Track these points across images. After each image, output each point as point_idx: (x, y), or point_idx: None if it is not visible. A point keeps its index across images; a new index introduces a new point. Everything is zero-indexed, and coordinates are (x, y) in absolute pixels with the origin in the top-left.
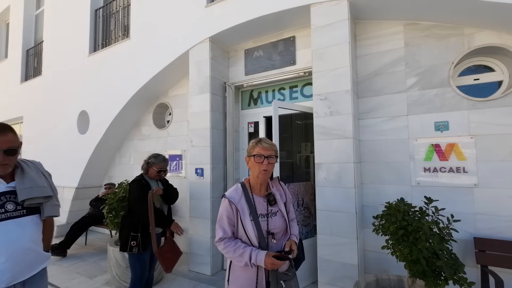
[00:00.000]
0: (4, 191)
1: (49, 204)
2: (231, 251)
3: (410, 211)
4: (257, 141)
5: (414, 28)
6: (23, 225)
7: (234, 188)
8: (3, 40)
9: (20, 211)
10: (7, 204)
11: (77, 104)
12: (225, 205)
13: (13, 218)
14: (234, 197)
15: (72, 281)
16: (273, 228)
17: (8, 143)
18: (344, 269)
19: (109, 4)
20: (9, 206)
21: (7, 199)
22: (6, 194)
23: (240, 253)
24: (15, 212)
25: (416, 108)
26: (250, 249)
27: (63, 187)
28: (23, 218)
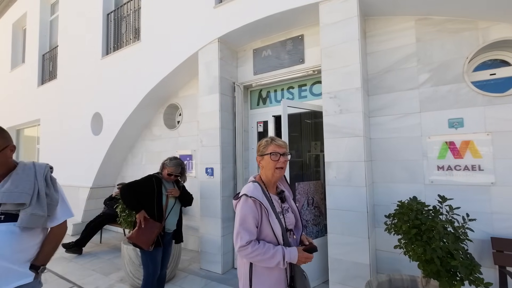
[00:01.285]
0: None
1: (24, 213)
2: (260, 254)
3: (423, 210)
4: (270, 139)
5: (426, 23)
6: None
7: (252, 187)
8: (20, 46)
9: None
10: None
11: (91, 106)
12: (250, 205)
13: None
14: (258, 196)
15: (88, 278)
16: (289, 225)
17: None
18: (356, 269)
19: (120, 8)
20: None
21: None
22: None
23: (272, 254)
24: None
25: (429, 105)
26: (281, 248)
27: (78, 187)
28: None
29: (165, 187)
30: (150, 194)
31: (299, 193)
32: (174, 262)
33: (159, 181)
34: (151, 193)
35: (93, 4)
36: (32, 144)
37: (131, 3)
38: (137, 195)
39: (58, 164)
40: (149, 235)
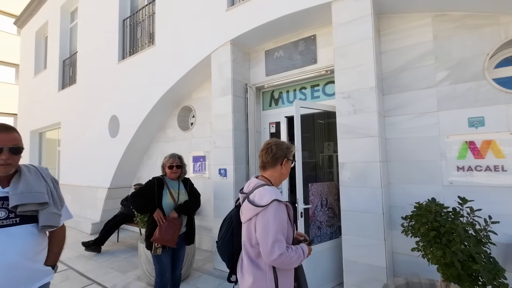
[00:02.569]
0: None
1: (45, 212)
2: (295, 256)
3: (442, 212)
4: (290, 143)
5: (443, 19)
6: (12, 236)
7: (276, 190)
8: (42, 53)
9: (12, 219)
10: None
11: (108, 109)
12: (283, 210)
13: (3, 227)
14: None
15: (107, 275)
16: None
17: (14, 141)
18: (372, 272)
19: (135, 14)
20: (2, 213)
21: (1, 206)
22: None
23: (300, 254)
24: (6, 220)
25: (448, 104)
26: (299, 246)
27: (97, 188)
28: (15, 228)
29: (168, 187)
30: (152, 196)
31: (312, 194)
32: (189, 262)
33: (160, 182)
34: (152, 196)
35: (110, 10)
36: (53, 147)
37: (146, 8)
38: (143, 199)
39: (77, 165)
40: (173, 233)
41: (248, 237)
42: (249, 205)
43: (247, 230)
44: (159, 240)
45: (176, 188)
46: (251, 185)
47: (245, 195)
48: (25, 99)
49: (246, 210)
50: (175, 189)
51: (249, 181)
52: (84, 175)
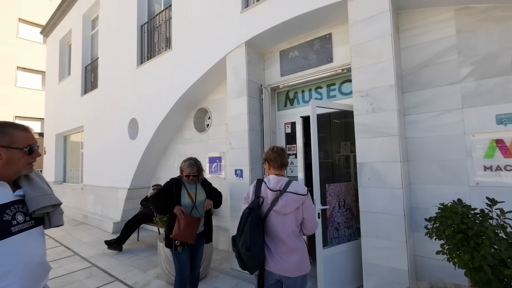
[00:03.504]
0: (12, 200)
1: (57, 213)
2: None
3: (469, 214)
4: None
5: (467, 12)
6: (34, 238)
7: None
8: (66, 60)
9: (29, 222)
10: (17, 215)
11: (128, 112)
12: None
13: (25, 230)
14: None
15: (128, 273)
16: None
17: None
18: (393, 275)
19: (153, 19)
20: (19, 217)
21: (16, 209)
22: (15, 204)
23: None
24: (25, 223)
25: (473, 100)
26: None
27: (118, 188)
28: (33, 230)
29: (186, 188)
30: (170, 196)
31: (330, 195)
32: (207, 261)
33: (178, 183)
34: (171, 196)
35: (128, 17)
36: (77, 149)
37: (163, 14)
38: (162, 199)
39: (99, 167)
40: (192, 229)
41: (297, 221)
42: (295, 197)
43: (294, 216)
44: (179, 237)
45: (193, 188)
46: (280, 183)
47: (279, 191)
48: (50, 104)
49: (292, 202)
50: (192, 189)
51: (270, 181)
52: (106, 176)
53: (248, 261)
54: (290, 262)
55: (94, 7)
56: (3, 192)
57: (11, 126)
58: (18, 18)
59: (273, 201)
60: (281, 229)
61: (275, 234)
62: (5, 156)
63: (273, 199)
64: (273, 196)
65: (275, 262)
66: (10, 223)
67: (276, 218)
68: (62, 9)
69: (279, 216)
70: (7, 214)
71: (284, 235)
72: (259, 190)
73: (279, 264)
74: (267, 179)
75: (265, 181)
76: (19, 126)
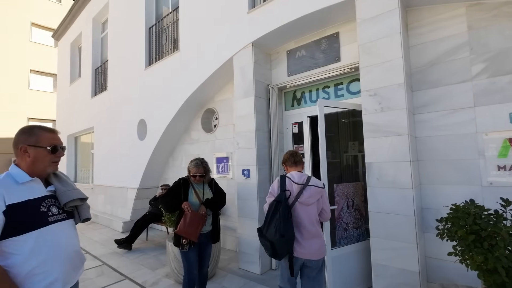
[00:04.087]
0: (46, 194)
1: (84, 207)
2: None
3: (482, 214)
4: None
5: (478, 8)
6: (68, 229)
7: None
8: (77, 62)
9: (62, 215)
10: (52, 208)
11: (136, 113)
12: None
13: (60, 221)
14: None
15: (138, 271)
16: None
17: (62, 141)
18: (403, 276)
19: (160, 21)
20: (53, 209)
21: (50, 203)
22: (48, 198)
23: None
24: (59, 215)
25: (485, 99)
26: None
27: (127, 188)
28: (66, 222)
29: (194, 187)
30: (178, 196)
31: (338, 195)
32: (214, 261)
33: (186, 183)
34: (179, 195)
35: (137, 20)
36: (87, 150)
37: (170, 16)
38: (170, 198)
39: (109, 167)
40: (196, 226)
41: (318, 210)
42: (316, 189)
43: (316, 206)
44: (182, 232)
45: (201, 188)
46: (303, 178)
47: (303, 185)
48: (62, 106)
49: (314, 194)
50: (199, 189)
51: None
52: (115, 176)
53: (281, 247)
54: (314, 247)
55: (103, 10)
56: (37, 187)
57: (38, 127)
58: (31, 22)
59: (298, 193)
60: (305, 218)
61: (299, 223)
62: (32, 154)
63: (298, 192)
64: (298, 189)
65: (301, 247)
66: (46, 214)
67: (301, 208)
68: (73, 13)
69: (304, 206)
70: (43, 206)
71: (308, 223)
72: (284, 185)
73: (305, 249)
74: (290, 174)
75: (289, 177)
76: (45, 128)
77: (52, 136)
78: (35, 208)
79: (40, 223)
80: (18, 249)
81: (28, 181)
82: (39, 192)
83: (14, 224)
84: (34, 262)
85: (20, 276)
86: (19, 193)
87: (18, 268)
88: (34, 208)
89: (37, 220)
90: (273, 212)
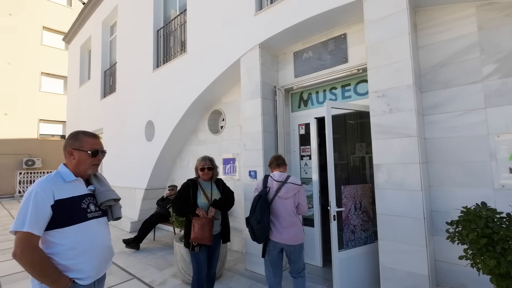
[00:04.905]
0: (86, 193)
1: (117, 206)
2: None
3: (494, 217)
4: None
5: (489, 8)
6: (102, 225)
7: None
8: (86, 65)
9: (98, 212)
10: (90, 205)
11: (144, 115)
12: None
13: (96, 218)
14: None
15: (145, 271)
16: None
17: (103, 146)
18: (412, 279)
19: (168, 24)
20: (92, 207)
21: (89, 201)
22: (88, 196)
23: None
24: (95, 213)
25: (497, 100)
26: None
27: (135, 188)
28: (101, 219)
29: (202, 188)
30: (188, 197)
31: (345, 197)
32: (221, 262)
33: (194, 183)
34: (188, 196)
35: (145, 23)
36: None
37: (178, 18)
38: (181, 202)
39: (118, 167)
40: (206, 230)
41: (294, 203)
42: (293, 186)
43: (292, 200)
44: (196, 239)
45: (209, 188)
46: (283, 176)
47: (282, 182)
48: (72, 108)
49: (291, 190)
50: (208, 189)
51: (275, 175)
52: (124, 177)
53: (258, 232)
54: (290, 233)
55: (112, 14)
56: (80, 186)
57: (83, 133)
58: (43, 26)
59: (278, 189)
60: (283, 209)
61: (278, 213)
62: (76, 156)
63: (277, 188)
64: (277, 186)
65: (279, 233)
66: (86, 210)
67: (280, 202)
68: (83, 17)
69: (282, 200)
70: (84, 203)
71: (285, 213)
72: (266, 182)
73: (282, 235)
74: (272, 174)
75: (271, 176)
76: (89, 133)
77: (93, 141)
78: (77, 204)
79: (81, 218)
80: (61, 239)
81: (73, 180)
82: (81, 190)
83: (59, 216)
84: (73, 252)
85: (60, 264)
86: (65, 190)
87: (60, 256)
88: (76, 204)
89: (78, 215)
90: (255, 204)
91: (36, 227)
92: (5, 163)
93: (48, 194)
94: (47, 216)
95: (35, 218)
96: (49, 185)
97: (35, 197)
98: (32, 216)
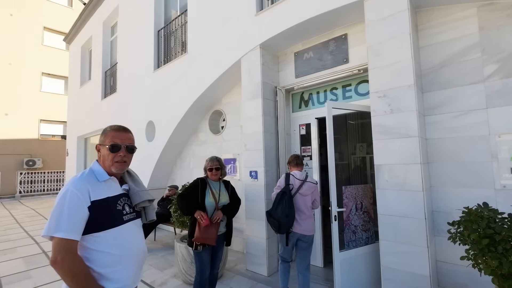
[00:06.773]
0: (121, 193)
1: (151, 208)
2: None
3: (496, 218)
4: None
5: (490, 8)
6: (137, 228)
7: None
8: (87, 65)
9: (133, 214)
10: (125, 206)
11: (145, 115)
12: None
13: (131, 220)
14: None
15: (146, 271)
16: None
17: (130, 140)
18: (413, 280)
19: (169, 24)
20: (127, 208)
21: (124, 201)
22: (123, 196)
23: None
24: (130, 215)
25: (498, 100)
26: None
27: None
28: (136, 221)
29: (211, 188)
30: (196, 196)
31: (346, 197)
32: (222, 262)
33: (203, 182)
34: (196, 195)
35: (146, 23)
36: None
37: (179, 19)
38: (186, 200)
39: None
40: (211, 231)
41: (311, 200)
42: (312, 184)
43: (310, 197)
44: (200, 239)
45: (217, 189)
46: (302, 175)
47: (303, 181)
48: (73, 108)
49: (310, 187)
50: (216, 189)
51: (296, 174)
52: None
53: (285, 224)
54: (307, 225)
55: (113, 14)
56: (114, 185)
57: (110, 127)
58: (43, 26)
59: (299, 187)
60: (302, 204)
61: (299, 208)
62: (102, 152)
63: (299, 186)
64: (299, 183)
65: (299, 225)
66: (122, 212)
67: (300, 198)
68: (84, 17)
69: (302, 196)
70: (119, 204)
71: (304, 208)
72: (288, 180)
73: (301, 226)
74: (293, 173)
75: (292, 174)
76: (114, 126)
77: (114, 134)
78: (113, 205)
79: (118, 221)
80: (97, 245)
81: (107, 179)
82: (116, 190)
83: (95, 219)
84: (110, 259)
85: (96, 272)
86: (100, 189)
87: (95, 263)
88: (112, 205)
89: (115, 218)
90: (280, 199)
91: (74, 231)
92: (6, 163)
93: (84, 194)
94: (84, 219)
95: (72, 222)
96: (85, 184)
97: (71, 198)
98: (69, 219)
